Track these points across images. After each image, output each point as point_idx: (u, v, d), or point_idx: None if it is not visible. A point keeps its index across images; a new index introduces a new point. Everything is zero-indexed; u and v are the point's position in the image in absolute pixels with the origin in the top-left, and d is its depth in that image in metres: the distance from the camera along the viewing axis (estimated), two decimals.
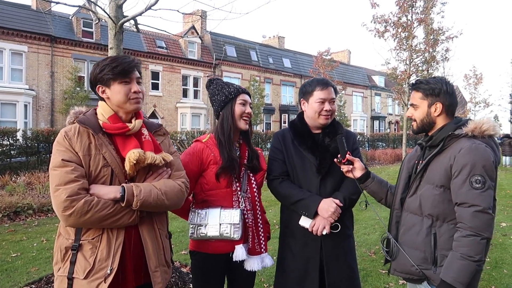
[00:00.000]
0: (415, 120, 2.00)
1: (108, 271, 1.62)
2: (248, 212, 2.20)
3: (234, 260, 2.13)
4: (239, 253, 2.13)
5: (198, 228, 2.14)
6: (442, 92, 1.90)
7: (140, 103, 1.80)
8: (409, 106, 2.08)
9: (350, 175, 2.17)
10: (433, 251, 1.83)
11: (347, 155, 2.13)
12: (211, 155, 2.19)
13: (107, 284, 1.60)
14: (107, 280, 1.61)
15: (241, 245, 2.14)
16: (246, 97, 2.30)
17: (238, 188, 2.19)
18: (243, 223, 2.16)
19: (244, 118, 2.26)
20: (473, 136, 1.80)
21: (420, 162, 1.99)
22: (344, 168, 2.16)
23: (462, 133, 1.82)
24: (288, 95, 32.10)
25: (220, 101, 2.26)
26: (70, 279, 1.62)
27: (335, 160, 2.17)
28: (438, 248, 1.82)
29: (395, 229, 2.03)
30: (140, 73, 1.82)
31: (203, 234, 2.12)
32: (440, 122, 1.94)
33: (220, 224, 2.09)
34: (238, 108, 2.24)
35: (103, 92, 1.75)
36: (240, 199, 2.18)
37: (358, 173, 2.16)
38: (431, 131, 1.97)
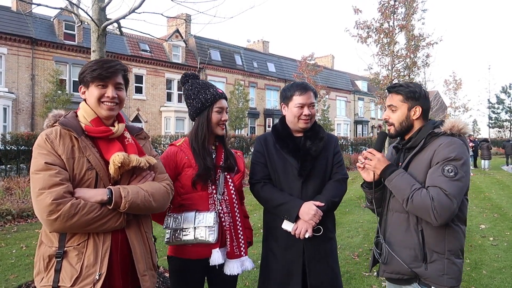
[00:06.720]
0: (392, 124, 2.03)
1: (97, 277, 1.58)
2: (225, 214, 2.17)
3: (211, 264, 2.10)
4: (216, 257, 2.10)
5: (174, 233, 2.11)
6: (421, 96, 2.00)
7: (114, 110, 1.75)
8: (386, 107, 2.10)
9: (364, 172, 2.02)
10: (422, 248, 1.86)
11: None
12: (185, 158, 2.18)
13: None
14: (96, 285, 1.57)
15: (217, 249, 2.11)
16: (223, 103, 2.26)
17: (214, 191, 2.18)
18: (220, 225, 2.13)
19: (220, 125, 2.24)
20: (451, 134, 1.90)
21: (399, 164, 2.02)
22: (362, 162, 2.00)
23: (441, 131, 1.92)
24: (273, 99, 32.23)
25: (196, 107, 2.23)
26: None
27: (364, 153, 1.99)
28: (426, 245, 1.86)
29: (383, 232, 2.05)
30: (125, 78, 1.80)
31: (179, 239, 2.09)
32: (417, 125, 2.01)
33: (195, 228, 2.06)
34: (214, 116, 2.22)
35: (83, 92, 1.76)
36: (216, 202, 2.16)
37: (372, 176, 2.01)
38: (408, 134, 2.03)
